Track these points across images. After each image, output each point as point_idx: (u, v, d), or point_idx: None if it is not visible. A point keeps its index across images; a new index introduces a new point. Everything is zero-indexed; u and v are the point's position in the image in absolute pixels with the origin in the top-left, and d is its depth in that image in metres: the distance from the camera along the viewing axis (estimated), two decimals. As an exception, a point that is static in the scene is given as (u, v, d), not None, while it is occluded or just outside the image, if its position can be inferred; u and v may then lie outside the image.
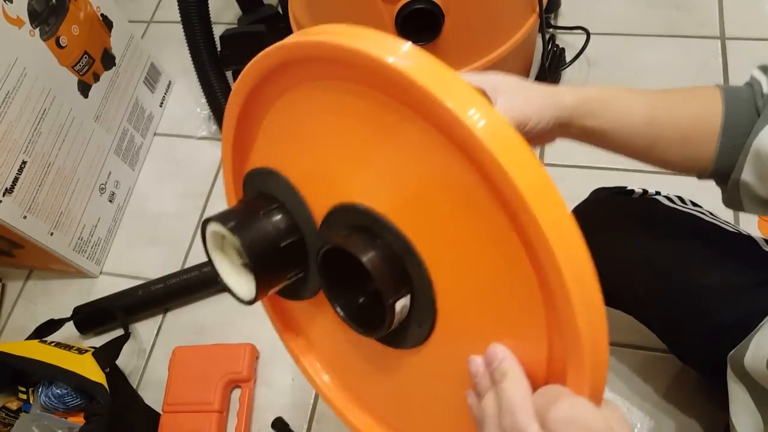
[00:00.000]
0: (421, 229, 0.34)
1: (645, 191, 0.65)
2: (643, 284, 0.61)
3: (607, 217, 0.64)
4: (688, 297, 0.57)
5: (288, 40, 0.35)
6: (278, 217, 0.40)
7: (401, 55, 0.29)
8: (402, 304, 0.35)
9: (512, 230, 0.29)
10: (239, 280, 0.40)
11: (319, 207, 0.39)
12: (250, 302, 0.40)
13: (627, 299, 0.64)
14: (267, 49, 0.36)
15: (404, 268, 0.35)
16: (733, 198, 0.49)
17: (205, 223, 0.39)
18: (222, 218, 0.38)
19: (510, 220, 0.29)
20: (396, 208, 0.34)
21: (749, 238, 0.58)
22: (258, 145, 0.43)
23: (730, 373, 0.53)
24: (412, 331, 0.37)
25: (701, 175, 0.51)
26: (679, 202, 0.63)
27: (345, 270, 0.36)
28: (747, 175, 0.47)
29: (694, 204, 0.64)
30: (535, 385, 0.32)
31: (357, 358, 0.45)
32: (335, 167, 0.37)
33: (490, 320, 0.33)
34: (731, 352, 0.53)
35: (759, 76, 0.49)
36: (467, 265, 0.33)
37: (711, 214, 0.63)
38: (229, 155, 0.45)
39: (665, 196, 0.64)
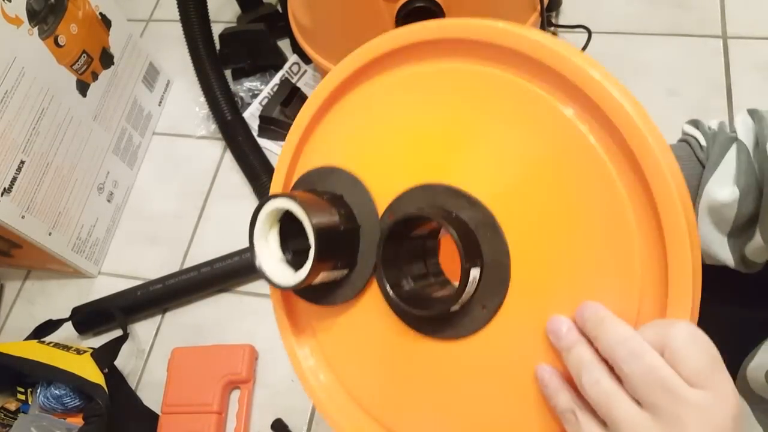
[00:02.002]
0: (510, 205, 0.35)
1: None
2: None
3: None
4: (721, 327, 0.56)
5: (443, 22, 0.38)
6: (339, 203, 0.40)
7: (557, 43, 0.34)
8: (474, 275, 0.35)
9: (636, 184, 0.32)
10: (277, 271, 0.40)
11: (385, 194, 0.40)
12: (294, 287, 0.39)
13: None
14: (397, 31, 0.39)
15: (477, 243, 0.35)
16: None
17: (267, 199, 0.38)
18: (290, 196, 0.37)
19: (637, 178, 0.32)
20: (486, 186, 0.36)
21: None
22: (312, 148, 0.44)
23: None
24: (473, 315, 0.37)
25: None
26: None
27: (399, 256, 0.38)
28: (704, 227, 0.47)
29: None
30: None
31: (381, 366, 0.42)
32: (417, 151, 0.39)
33: (571, 290, 0.34)
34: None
35: (692, 131, 0.49)
36: (555, 235, 0.34)
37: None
38: (290, 152, 0.45)
39: None
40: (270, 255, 0.40)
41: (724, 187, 0.46)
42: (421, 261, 0.39)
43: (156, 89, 1.20)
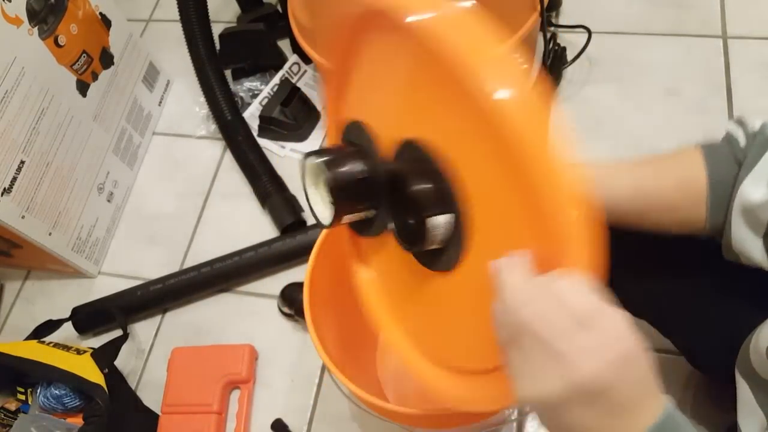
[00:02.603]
0: (465, 162, 0.41)
1: None
2: (667, 294, 0.59)
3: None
4: (714, 310, 0.56)
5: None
6: (357, 157, 0.48)
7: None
8: (439, 222, 0.42)
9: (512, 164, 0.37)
10: (325, 210, 0.48)
11: (387, 148, 0.47)
12: (328, 226, 0.48)
13: (648, 309, 0.63)
14: None
15: (448, 193, 0.42)
16: (731, 255, 0.50)
17: (306, 156, 0.47)
18: (317, 153, 0.47)
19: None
20: (445, 141, 0.42)
21: None
22: (348, 99, 0.53)
23: (737, 372, 0.53)
24: (449, 255, 0.44)
25: (700, 235, 0.51)
26: None
27: (404, 197, 0.45)
28: (739, 228, 0.47)
29: None
30: None
31: (405, 282, 0.53)
32: (406, 110, 0.46)
33: (504, 240, 0.40)
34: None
35: (735, 131, 0.50)
36: (492, 196, 0.40)
37: None
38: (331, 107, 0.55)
39: None
40: (319, 199, 0.48)
41: (758, 187, 0.46)
42: (415, 212, 0.46)
43: (156, 89, 1.20)
